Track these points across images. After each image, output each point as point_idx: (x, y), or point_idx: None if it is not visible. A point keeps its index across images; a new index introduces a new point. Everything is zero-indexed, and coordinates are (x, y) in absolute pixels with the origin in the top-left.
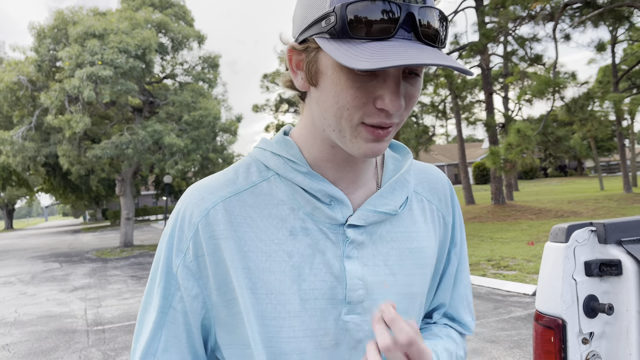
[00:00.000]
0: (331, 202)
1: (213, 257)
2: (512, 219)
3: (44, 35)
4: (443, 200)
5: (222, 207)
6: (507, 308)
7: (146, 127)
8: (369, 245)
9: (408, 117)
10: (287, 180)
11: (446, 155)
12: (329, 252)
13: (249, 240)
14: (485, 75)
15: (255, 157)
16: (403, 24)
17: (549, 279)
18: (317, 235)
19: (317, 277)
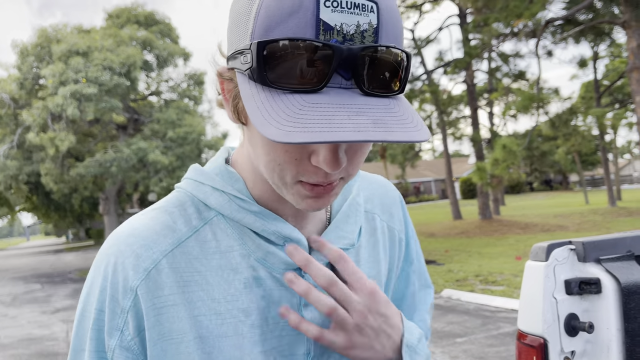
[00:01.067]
0: (285, 243)
1: (156, 330)
2: (500, 234)
3: (27, 53)
4: (395, 215)
5: (167, 265)
6: (496, 324)
7: (130, 145)
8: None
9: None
10: (233, 221)
11: (433, 171)
12: (286, 302)
13: (199, 302)
14: (470, 91)
15: (191, 194)
16: (339, 68)
17: (530, 298)
18: (270, 284)
19: (274, 332)
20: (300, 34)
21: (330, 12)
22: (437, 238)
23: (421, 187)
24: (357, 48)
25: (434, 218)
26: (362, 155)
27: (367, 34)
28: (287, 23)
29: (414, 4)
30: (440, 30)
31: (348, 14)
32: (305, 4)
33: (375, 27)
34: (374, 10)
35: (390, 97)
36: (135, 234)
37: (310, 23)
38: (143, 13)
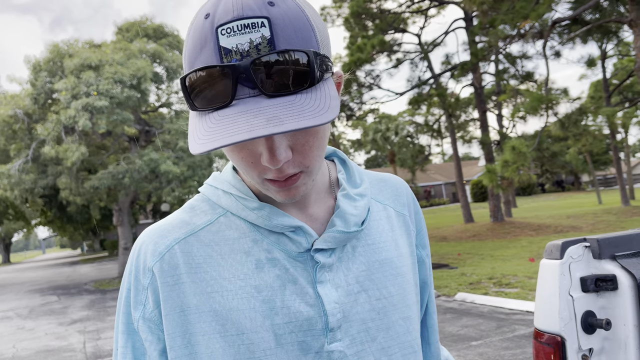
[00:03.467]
0: (293, 230)
1: (169, 304)
2: (512, 236)
3: (39, 68)
4: (406, 204)
5: (179, 250)
6: (511, 326)
7: (142, 156)
8: (339, 266)
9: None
10: (241, 218)
11: (443, 174)
12: (302, 280)
13: (211, 281)
14: (478, 94)
15: (207, 197)
16: (243, 82)
17: (546, 297)
18: (285, 263)
19: (290, 309)
20: (208, 63)
21: (226, 38)
22: (449, 242)
23: (432, 191)
24: (246, 61)
25: (445, 222)
26: (312, 148)
27: (262, 46)
28: (200, 56)
29: (419, 9)
30: (447, 34)
31: (240, 35)
32: (208, 37)
33: (269, 39)
34: (265, 25)
35: (297, 93)
36: (156, 227)
37: (215, 52)
38: (152, 26)
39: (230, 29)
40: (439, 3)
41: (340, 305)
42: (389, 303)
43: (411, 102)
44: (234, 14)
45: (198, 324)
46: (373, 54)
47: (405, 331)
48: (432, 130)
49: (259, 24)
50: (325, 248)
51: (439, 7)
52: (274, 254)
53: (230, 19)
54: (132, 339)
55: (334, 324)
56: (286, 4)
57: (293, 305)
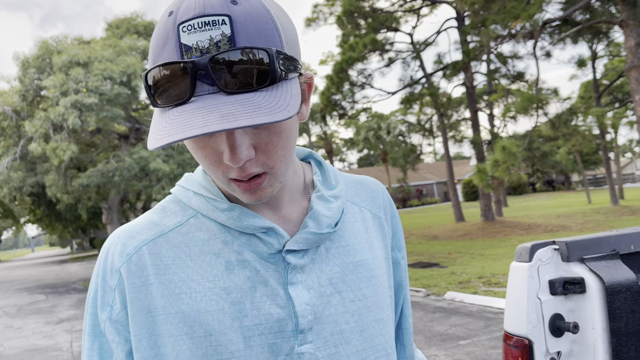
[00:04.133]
0: (265, 231)
1: (135, 305)
2: (502, 235)
3: (28, 65)
4: (382, 207)
5: (147, 251)
6: (499, 326)
7: (132, 154)
8: (312, 267)
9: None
10: (211, 219)
11: (434, 173)
12: (272, 281)
13: (179, 282)
14: (469, 93)
15: (178, 198)
16: (201, 78)
17: (515, 299)
18: (256, 265)
19: (260, 311)
20: (170, 59)
21: (187, 35)
22: (440, 241)
23: (423, 190)
24: (205, 58)
25: (436, 221)
26: (276, 148)
27: (222, 44)
28: (162, 53)
29: (412, 8)
30: (439, 34)
31: (200, 32)
32: (170, 34)
33: (230, 36)
34: (225, 22)
35: (256, 91)
36: (125, 228)
37: (176, 48)
38: (142, 23)
39: (191, 26)
40: (432, 2)
41: (312, 307)
42: (363, 305)
43: (403, 102)
44: (196, 12)
45: (165, 326)
46: (365, 52)
47: (379, 334)
48: (424, 130)
49: (220, 22)
50: (297, 249)
51: (432, 6)
52: (245, 256)
53: (192, 16)
54: (99, 340)
55: (304, 326)
56: (249, 3)
57: (263, 307)
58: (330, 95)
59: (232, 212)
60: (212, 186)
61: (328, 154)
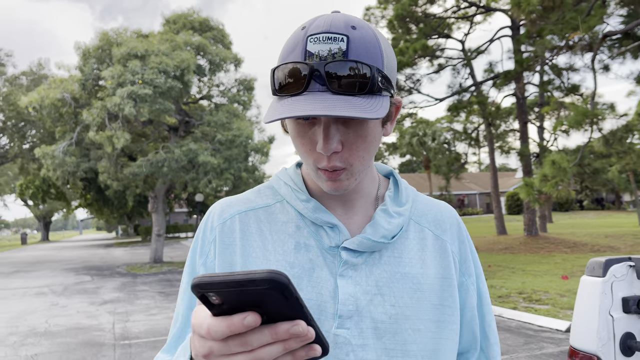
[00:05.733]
0: (331, 226)
1: (222, 257)
2: (546, 252)
3: (88, 55)
4: (449, 231)
5: (238, 219)
6: (539, 344)
7: (181, 146)
8: (363, 267)
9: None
10: (293, 207)
11: (478, 184)
12: (326, 269)
13: (257, 249)
14: (519, 104)
15: (272, 184)
16: (315, 78)
17: (585, 315)
18: (317, 252)
19: (313, 288)
20: (295, 60)
21: (313, 44)
22: (479, 252)
23: (465, 200)
24: (322, 63)
25: (477, 232)
26: (359, 149)
27: (337, 55)
28: (290, 56)
29: (465, 15)
30: (492, 42)
31: (323, 44)
32: (299, 43)
33: (345, 51)
34: (344, 40)
35: (356, 96)
36: (227, 199)
37: (301, 53)
38: (198, 19)
39: (317, 39)
40: (486, 10)
41: (355, 299)
42: (401, 312)
43: (450, 109)
44: (323, 28)
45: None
46: (415, 58)
47: (413, 341)
48: (470, 139)
49: (339, 39)
50: (352, 249)
51: (486, 14)
52: (310, 242)
53: (320, 31)
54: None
55: (343, 312)
56: (365, 31)
57: (316, 287)
58: None
59: (308, 204)
60: (299, 180)
61: None
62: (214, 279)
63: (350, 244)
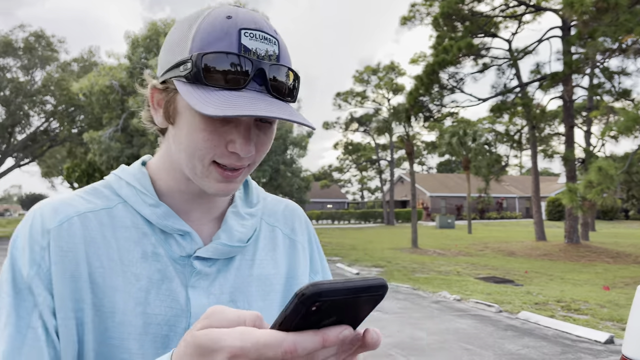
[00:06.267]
0: (182, 234)
1: (60, 267)
2: (587, 260)
3: (137, 44)
4: (298, 230)
5: (78, 221)
6: (576, 354)
7: None
8: (215, 275)
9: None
10: (136, 210)
11: (518, 187)
12: (177, 280)
13: (101, 257)
14: (566, 107)
15: (109, 184)
16: (255, 77)
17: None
18: (166, 262)
19: (162, 302)
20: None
21: (248, 39)
22: (516, 257)
23: (504, 203)
24: (267, 63)
25: (515, 237)
26: (266, 148)
27: (272, 57)
28: (218, 44)
29: (514, 14)
30: (540, 42)
31: (259, 42)
32: (230, 32)
33: (277, 54)
34: (276, 43)
35: (285, 102)
36: (57, 198)
37: (235, 45)
38: None
39: (253, 35)
40: (536, 9)
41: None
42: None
43: (493, 109)
44: (256, 25)
45: (83, 292)
46: (459, 56)
47: None
48: (512, 141)
49: (273, 41)
50: (206, 257)
51: (535, 13)
52: (159, 250)
53: (253, 27)
54: (21, 295)
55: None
56: (281, 39)
57: (165, 301)
58: (418, 97)
59: (156, 209)
60: (146, 180)
61: (408, 155)
62: (334, 286)
63: (205, 252)
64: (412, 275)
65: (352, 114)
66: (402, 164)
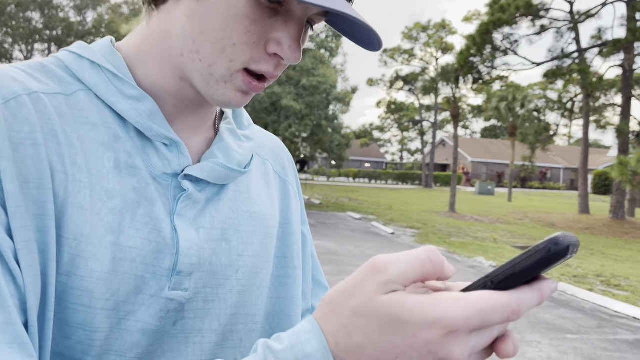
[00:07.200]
0: (168, 143)
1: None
2: (630, 237)
3: None
4: (288, 169)
5: (30, 102)
6: (613, 329)
7: (266, 89)
8: (206, 204)
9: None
10: (104, 103)
11: (564, 158)
12: (159, 204)
13: (64, 158)
14: (626, 77)
15: (64, 63)
16: None
17: None
18: (146, 178)
19: (139, 232)
20: None
21: None
22: (556, 229)
23: (548, 173)
24: None
25: (557, 208)
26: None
27: None
28: None
29: None
30: (604, 6)
31: None
32: None
33: None
34: None
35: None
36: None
37: None
38: None
39: None
40: None
41: (198, 249)
42: (250, 263)
43: (547, 75)
44: None
45: (40, 201)
46: (516, 16)
47: (255, 302)
48: (564, 109)
49: None
50: (199, 178)
51: None
52: (136, 162)
53: None
54: None
55: (184, 267)
56: None
57: (144, 229)
58: (469, 57)
59: (139, 103)
60: (122, 64)
61: (453, 118)
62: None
63: (197, 171)
64: (447, 239)
65: (398, 72)
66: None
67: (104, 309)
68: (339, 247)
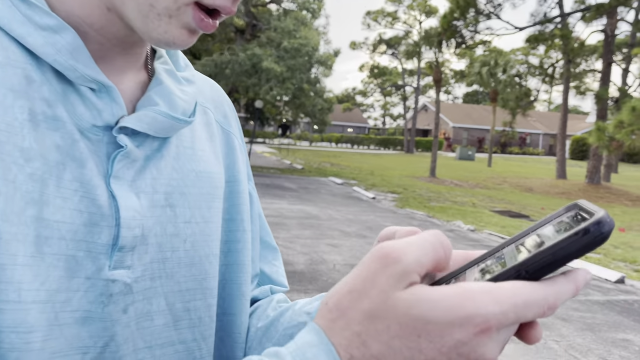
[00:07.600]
0: (96, 88)
1: None
2: (605, 202)
3: None
4: (230, 118)
5: None
6: (585, 290)
7: (246, 50)
8: (145, 163)
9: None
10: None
11: (544, 124)
12: (90, 165)
13: None
14: (607, 43)
15: None
16: None
17: None
18: (72, 133)
19: (67, 201)
20: None
21: None
22: (534, 194)
23: (527, 138)
24: None
25: (535, 173)
26: None
27: None
28: None
29: None
30: None
31: None
32: None
33: None
34: None
35: None
36: None
37: None
38: None
39: None
40: None
41: (141, 219)
42: (199, 230)
43: (530, 40)
44: None
45: None
46: None
47: (212, 274)
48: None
49: None
50: (138, 131)
51: None
52: (57, 111)
53: None
54: None
55: (126, 242)
56: None
57: (72, 198)
58: (452, 20)
59: (56, 36)
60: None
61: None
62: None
63: (136, 122)
64: (427, 204)
65: (381, 35)
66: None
67: (36, 302)
68: (321, 211)
